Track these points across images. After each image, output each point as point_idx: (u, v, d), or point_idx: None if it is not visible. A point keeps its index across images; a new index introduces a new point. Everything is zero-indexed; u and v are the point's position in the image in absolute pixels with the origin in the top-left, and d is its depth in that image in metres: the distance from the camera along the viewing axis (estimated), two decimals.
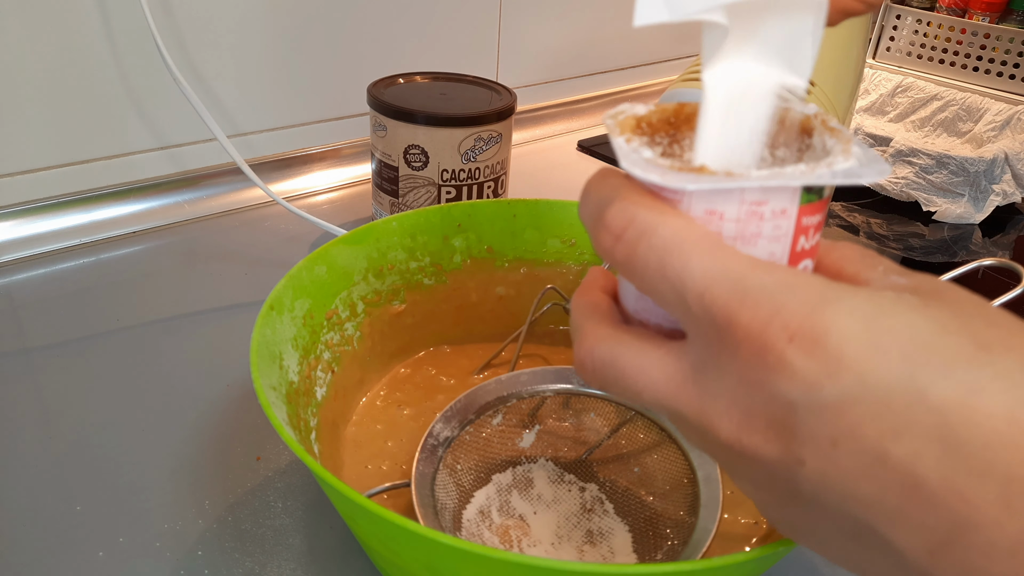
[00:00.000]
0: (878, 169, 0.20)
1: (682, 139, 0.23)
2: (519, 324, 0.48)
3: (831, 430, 0.18)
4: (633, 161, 0.20)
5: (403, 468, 0.40)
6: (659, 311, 0.23)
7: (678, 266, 0.19)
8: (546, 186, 0.77)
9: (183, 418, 0.43)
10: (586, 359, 0.23)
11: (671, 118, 0.23)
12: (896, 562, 0.18)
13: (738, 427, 0.19)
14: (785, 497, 0.20)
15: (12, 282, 0.55)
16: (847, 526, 0.19)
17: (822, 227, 0.22)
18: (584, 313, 0.24)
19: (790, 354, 0.18)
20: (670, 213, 0.20)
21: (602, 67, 0.99)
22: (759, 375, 0.18)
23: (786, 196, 0.20)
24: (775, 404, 0.18)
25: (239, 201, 0.69)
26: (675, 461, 0.38)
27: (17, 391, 0.45)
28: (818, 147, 0.22)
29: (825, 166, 0.20)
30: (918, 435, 0.17)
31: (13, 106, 0.57)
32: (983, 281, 0.49)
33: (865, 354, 0.17)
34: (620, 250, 0.21)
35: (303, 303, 0.38)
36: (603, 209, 0.21)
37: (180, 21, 0.62)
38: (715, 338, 0.19)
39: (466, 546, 0.24)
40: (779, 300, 0.18)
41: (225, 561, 0.35)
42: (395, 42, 0.76)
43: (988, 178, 0.76)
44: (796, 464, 0.18)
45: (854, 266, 0.22)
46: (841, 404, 0.17)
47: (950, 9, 0.99)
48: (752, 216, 0.20)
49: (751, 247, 0.21)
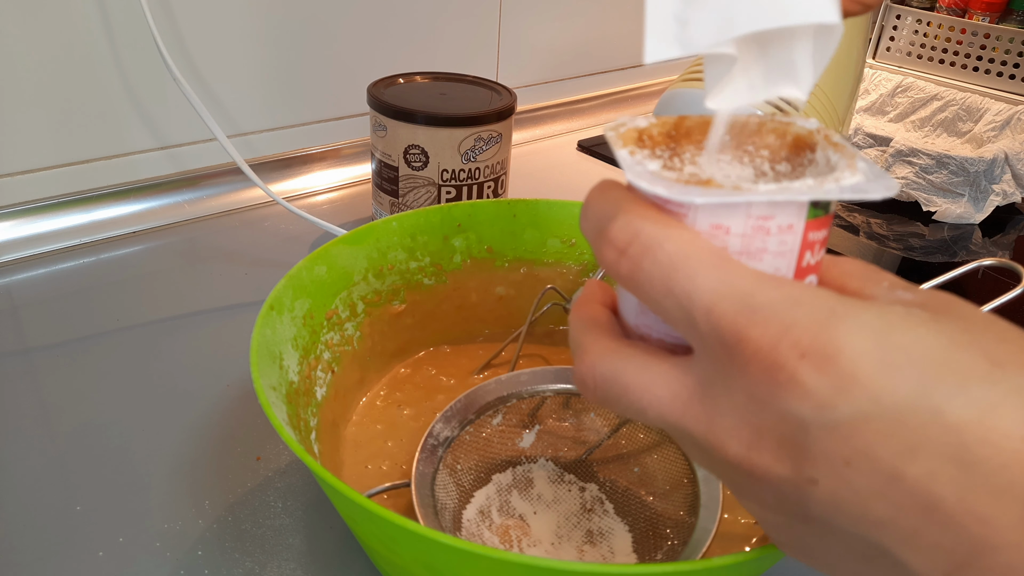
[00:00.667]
0: (885, 184, 0.20)
1: (683, 152, 0.23)
2: (519, 324, 0.48)
3: (844, 449, 0.17)
4: (638, 173, 0.20)
5: (403, 468, 0.40)
6: (662, 326, 0.22)
7: (684, 282, 0.19)
8: (546, 186, 0.77)
9: (183, 418, 0.43)
10: (587, 375, 0.22)
11: (672, 131, 0.23)
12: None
13: (747, 446, 0.19)
14: (794, 518, 0.19)
15: (12, 282, 0.55)
16: (859, 548, 0.18)
17: (827, 242, 0.21)
18: (583, 328, 0.23)
19: (801, 372, 0.17)
20: (675, 227, 0.20)
21: (602, 67, 0.99)
22: (769, 393, 0.18)
23: (793, 211, 0.20)
24: (786, 422, 0.18)
25: (239, 201, 0.69)
26: (675, 461, 0.38)
27: (17, 391, 0.45)
28: (821, 162, 0.22)
29: (832, 181, 0.20)
30: (934, 454, 0.16)
31: (13, 106, 0.57)
32: (983, 281, 0.49)
33: (878, 371, 0.17)
34: (624, 265, 0.20)
35: (303, 303, 0.38)
36: (606, 223, 0.20)
37: (180, 21, 0.62)
38: (723, 355, 0.19)
39: (466, 546, 0.24)
40: (789, 316, 0.18)
41: (225, 561, 0.35)
42: (395, 42, 0.76)
43: (988, 178, 0.76)
44: (807, 484, 0.18)
45: (858, 281, 0.21)
46: (854, 423, 0.17)
47: (950, 9, 0.99)
48: (758, 231, 0.20)
49: (756, 262, 0.20)
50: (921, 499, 0.17)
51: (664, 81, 1.07)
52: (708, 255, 0.19)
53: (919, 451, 0.16)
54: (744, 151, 0.23)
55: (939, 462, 0.16)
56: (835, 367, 0.17)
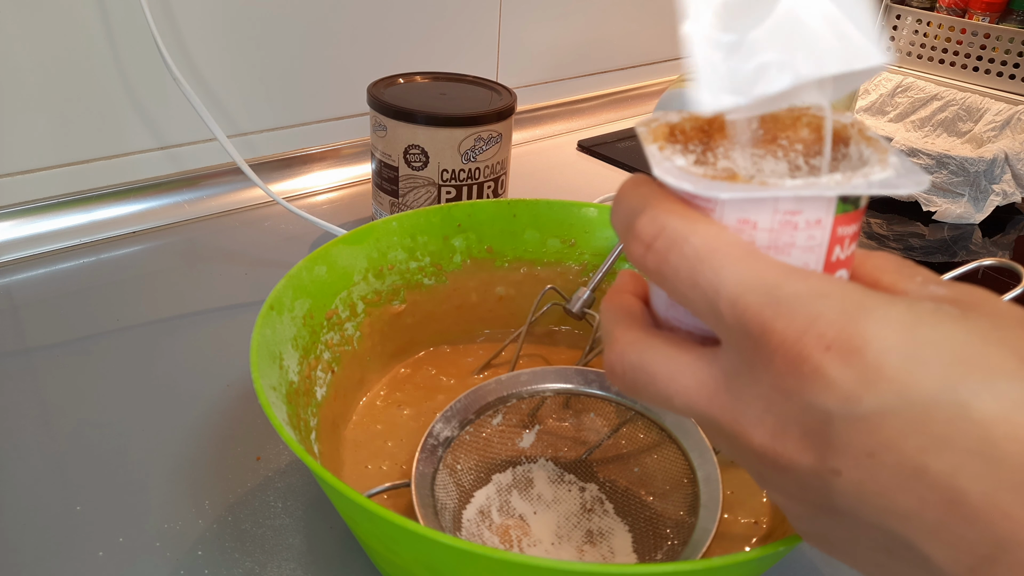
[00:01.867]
0: (916, 180, 0.19)
1: (715, 147, 0.23)
2: (519, 324, 0.48)
3: (868, 442, 0.17)
4: (666, 169, 0.20)
5: (403, 468, 0.40)
6: (691, 318, 0.22)
7: (710, 275, 0.19)
8: (546, 186, 0.77)
9: (183, 418, 0.43)
10: (616, 364, 0.22)
11: (704, 126, 0.23)
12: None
13: (772, 435, 0.19)
14: (818, 508, 0.20)
15: (12, 282, 0.55)
16: (882, 540, 0.19)
17: (858, 237, 0.21)
18: (614, 317, 0.23)
19: (826, 364, 0.17)
20: (702, 221, 0.20)
21: (602, 67, 0.99)
22: (794, 384, 0.18)
23: (821, 206, 0.20)
24: (810, 414, 0.18)
25: (239, 201, 0.69)
26: (675, 461, 0.38)
27: (17, 391, 0.45)
28: (854, 156, 0.22)
29: (861, 176, 0.20)
30: (959, 449, 0.16)
31: (13, 106, 0.57)
32: (983, 281, 0.49)
33: (905, 365, 0.17)
34: (651, 259, 0.20)
35: (303, 303, 0.38)
36: (634, 218, 0.21)
37: (180, 21, 0.62)
38: (749, 346, 0.19)
39: (466, 546, 0.24)
40: (814, 308, 0.18)
41: (225, 561, 0.35)
42: (395, 42, 0.76)
43: (988, 178, 0.76)
44: (831, 475, 0.18)
45: (891, 276, 0.21)
46: (879, 416, 0.17)
47: (950, 9, 0.99)
48: (786, 226, 0.20)
49: (784, 257, 0.20)
50: (945, 493, 0.17)
51: (664, 81, 1.07)
52: (734, 249, 0.19)
53: (944, 445, 0.16)
54: (778, 145, 0.22)
55: (964, 457, 0.16)
56: (861, 360, 0.17)
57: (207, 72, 0.65)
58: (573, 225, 0.48)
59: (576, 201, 0.48)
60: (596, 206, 0.48)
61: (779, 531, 0.35)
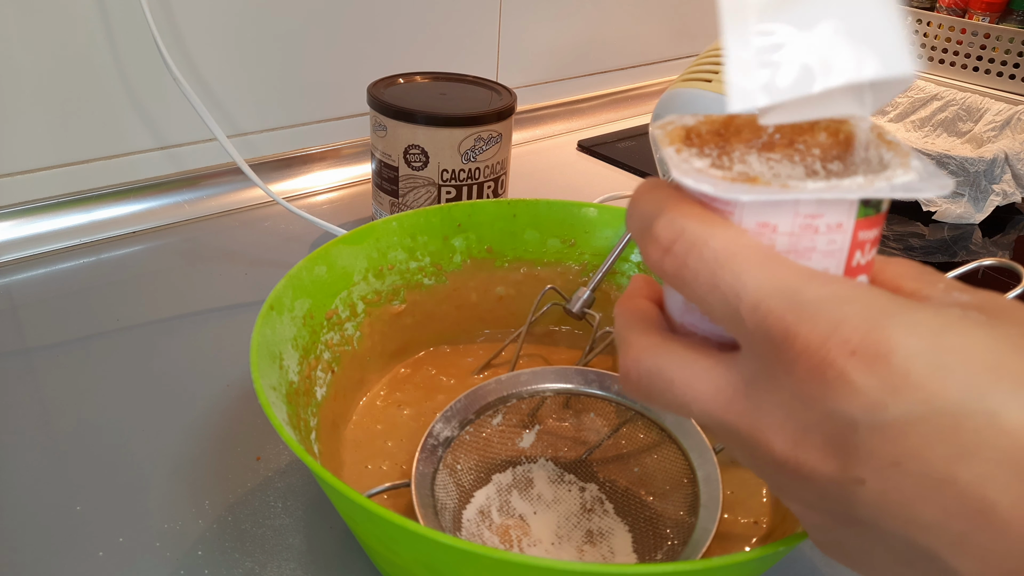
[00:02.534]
0: (939, 183, 0.19)
1: (731, 151, 0.22)
2: (519, 324, 0.48)
3: (893, 450, 0.17)
4: (684, 171, 0.20)
5: (403, 468, 0.40)
6: (708, 323, 0.22)
7: (730, 278, 0.19)
8: (546, 186, 0.77)
9: (183, 418, 0.43)
10: (631, 369, 0.22)
11: (720, 129, 0.22)
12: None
13: (793, 443, 0.19)
14: (838, 518, 0.19)
15: (12, 282, 0.55)
16: (903, 551, 0.18)
17: (879, 242, 0.21)
18: (629, 322, 0.23)
19: (851, 370, 0.17)
20: (721, 225, 0.20)
21: (602, 67, 0.99)
22: (817, 391, 0.18)
23: (842, 209, 0.19)
24: (833, 421, 0.18)
25: (239, 201, 0.69)
26: (675, 461, 0.38)
27: (17, 391, 0.45)
28: (874, 160, 0.21)
29: (884, 179, 0.20)
30: (988, 459, 0.16)
31: (13, 106, 0.57)
32: (983, 281, 0.49)
33: (931, 372, 0.16)
34: (669, 263, 0.20)
35: (303, 303, 0.38)
36: (651, 221, 0.20)
37: (180, 21, 0.62)
38: (770, 352, 0.18)
39: (466, 546, 0.24)
40: (838, 313, 0.17)
41: (225, 561, 0.35)
42: (395, 42, 0.76)
43: (988, 178, 0.76)
44: (854, 484, 0.18)
45: (913, 283, 0.21)
46: (905, 424, 0.17)
47: (950, 9, 0.99)
48: (806, 229, 0.20)
49: (805, 261, 0.20)
50: (973, 504, 0.16)
51: (664, 81, 1.07)
52: (754, 252, 0.19)
53: (972, 455, 0.16)
54: (795, 149, 0.22)
55: (993, 466, 0.16)
56: (886, 366, 0.17)
57: (207, 72, 0.65)
58: (573, 225, 0.48)
59: (576, 201, 0.48)
60: (596, 206, 0.48)
61: (779, 531, 0.35)
